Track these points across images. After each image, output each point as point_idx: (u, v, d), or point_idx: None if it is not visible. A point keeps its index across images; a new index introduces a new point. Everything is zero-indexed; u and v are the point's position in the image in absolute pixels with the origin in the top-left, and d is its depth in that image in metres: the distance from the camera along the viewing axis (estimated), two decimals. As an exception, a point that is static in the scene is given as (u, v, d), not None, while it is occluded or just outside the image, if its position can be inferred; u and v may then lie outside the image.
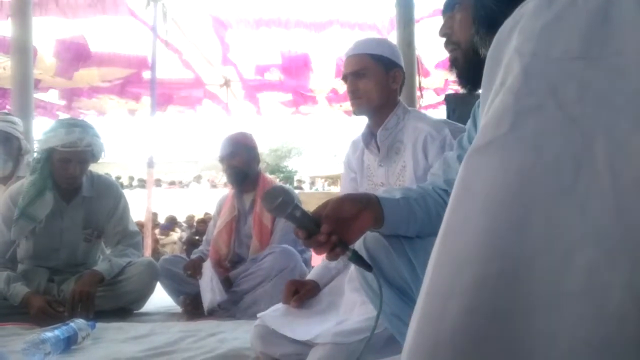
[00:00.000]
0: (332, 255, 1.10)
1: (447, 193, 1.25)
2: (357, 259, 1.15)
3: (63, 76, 6.14)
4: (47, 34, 5.55)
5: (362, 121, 1.96)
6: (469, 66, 1.09)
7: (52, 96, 7.76)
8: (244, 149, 2.93)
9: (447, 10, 1.15)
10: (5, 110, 3.50)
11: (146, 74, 6.59)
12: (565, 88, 0.49)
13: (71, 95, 7.72)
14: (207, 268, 2.67)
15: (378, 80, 1.84)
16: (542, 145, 0.48)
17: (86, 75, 6.54)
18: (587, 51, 0.50)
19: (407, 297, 1.26)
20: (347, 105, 8.37)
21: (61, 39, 5.77)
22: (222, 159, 2.94)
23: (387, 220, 1.16)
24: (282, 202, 1.07)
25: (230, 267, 2.84)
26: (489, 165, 0.50)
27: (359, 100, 1.86)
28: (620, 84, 0.48)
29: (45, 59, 5.94)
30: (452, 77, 1.19)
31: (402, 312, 1.26)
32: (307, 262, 2.82)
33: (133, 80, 7.00)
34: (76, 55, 5.81)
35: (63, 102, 7.88)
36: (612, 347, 0.43)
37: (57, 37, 5.78)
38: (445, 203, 1.25)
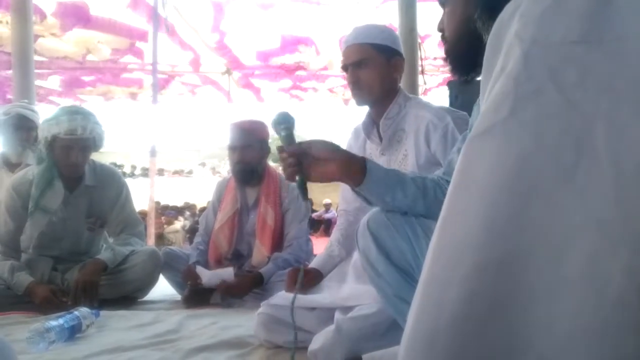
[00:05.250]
0: (287, 174, 1.29)
1: (448, 181, 1.27)
2: (301, 186, 1.29)
3: (64, 31, 6.14)
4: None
5: (363, 108, 1.95)
6: (455, 56, 1.15)
7: (53, 83, 7.75)
8: (258, 143, 2.75)
9: (441, 6, 1.20)
10: (26, 101, 3.52)
11: (147, 57, 6.56)
12: (566, 73, 0.49)
13: (72, 82, 7.70)
14: (204, 271, 2.56)
15: (380, 70, 1.81)
16: (542, 130, 0.48)
17: (86, 40, 6.50)
18: (587, 35, 0.49)
19: (410, 277, 1.30)
20: (348, 93, 8.37)
21: (62, 1, 5.76)
22: (234, 149, 2.73)
23: (367, 181, 1.25)
24: (277, 121, 1.33)
25: (229, 264, 2.72)
26: (488, 151, 0.50)
27: (361, 91, 1.82)
28: (621, 69, 0.48)
29: (48, 18, 5.93)
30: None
31: (406, 293, 1.29)
32: (310, 252, 2.80)
33: (133, 53, 6.92)
34: (75, 17, 5.79)
35: (62, 89, 7.87)
36: (612, 333, 0.43)
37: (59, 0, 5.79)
38: (446, 188, 1.31)
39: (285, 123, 1.32)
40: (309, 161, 1.26)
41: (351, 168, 1.26)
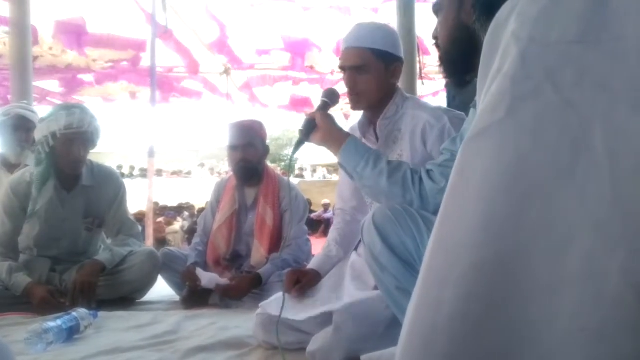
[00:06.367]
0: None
1: (428, 169, 1.44)
2: (299, 141, 1.63)
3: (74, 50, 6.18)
4: (47, 14, 5.58)
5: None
6: (449, 61, 1.23)
7: (51, 85, 7.74)
8: (260, 141, 2.78)
9: (435, 14, 1.27)
10: (25, 101, 3.52)
11: (145, 61, 6.56)
12: (563, 73, 0.49)
13: (71, 82, 7.69)
14: (204, 274, 2.56)
15: (378, 77, 1.77)
16: (539, 130, 0.48)
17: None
18: (585, 35, 0.49)
19: (412, 268, 1.36)
20: (347, 107, 8.37)
21: (60, 20, 5.78)
22: (235, 148, 2.73)
23: (343, 148, 1.52)
24: (323, 93, 1.71)
25: (228, 264, 2.74)
26: (485, 151, 0.50)
27: (358, 97, 1.78)
28: (618, 69, 0.48)
29: (45, 38, 5.94)
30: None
31: (407, 283, 1.34)
32: (309, 253, 2.79)
33: (132, 63, 6.93)
34: (75, 36, 5.82)
35: (61, 90, 7.86)
36: (608, 332, 0.42)
37: (56, 19, 5.79)
38: (422, 175, 1.42)
39: (326, 97, 1.68)
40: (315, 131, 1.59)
41: (333, 136, 1.55)
